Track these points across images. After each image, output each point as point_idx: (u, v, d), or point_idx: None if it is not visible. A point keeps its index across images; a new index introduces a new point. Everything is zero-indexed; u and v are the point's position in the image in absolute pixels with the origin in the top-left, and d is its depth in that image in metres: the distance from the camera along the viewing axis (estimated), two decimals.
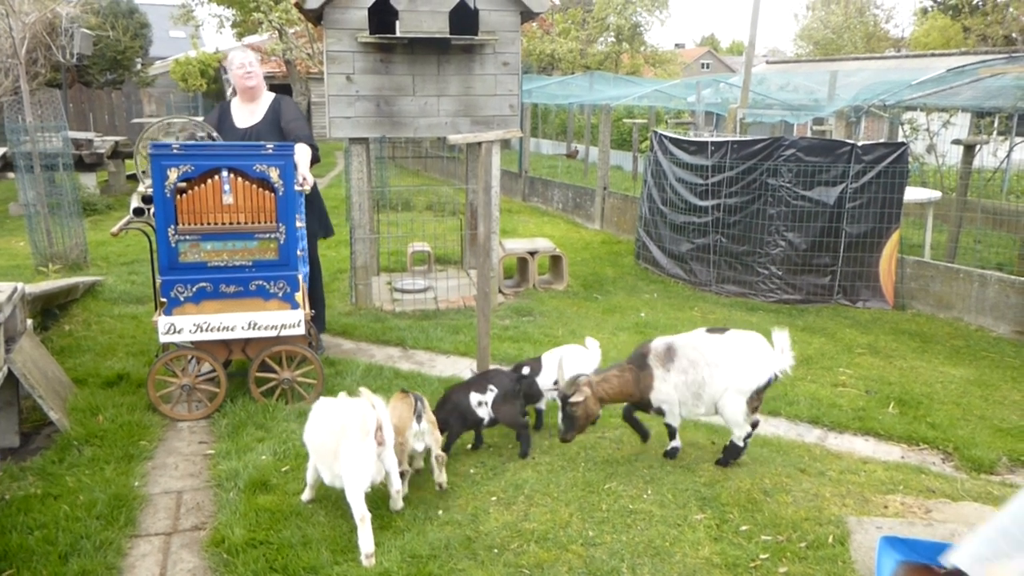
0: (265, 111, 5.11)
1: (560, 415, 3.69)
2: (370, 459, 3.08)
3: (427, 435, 3.47)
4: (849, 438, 4.51)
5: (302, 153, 4.75)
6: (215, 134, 4.77)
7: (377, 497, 3.31)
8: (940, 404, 4.95)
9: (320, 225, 5.39)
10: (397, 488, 3.29)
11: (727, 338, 3.62)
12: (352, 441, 3.05)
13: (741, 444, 3.72)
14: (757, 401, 3.63)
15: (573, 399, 3.58)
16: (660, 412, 3.74)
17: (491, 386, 3.85)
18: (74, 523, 3.20)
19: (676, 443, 3.86)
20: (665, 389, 3.64)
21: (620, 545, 3.07)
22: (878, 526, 3.15)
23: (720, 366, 3.55)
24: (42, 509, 3.30)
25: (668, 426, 3.82)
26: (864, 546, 3.02)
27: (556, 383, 3.77)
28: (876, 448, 4.39)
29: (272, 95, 5.21)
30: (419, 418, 3.41)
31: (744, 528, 3.20)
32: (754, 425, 3.73)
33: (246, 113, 5.12)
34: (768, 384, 3.59)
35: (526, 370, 4.07)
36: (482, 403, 3.83)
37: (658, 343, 3.72)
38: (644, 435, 3.92)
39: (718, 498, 3.41)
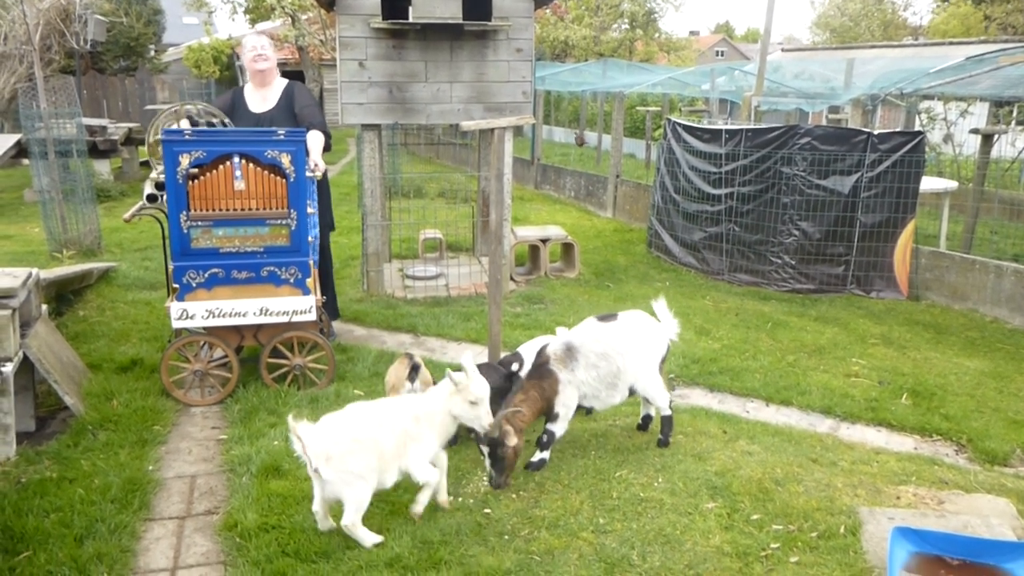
0: (279, 97, 5.11)
1: (489, 461, 3.39)
2: None
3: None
4: (861, 428, 4.49)
5: (314, 139, 4.75)
6: (227, 120, 4.77)
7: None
8: (954, 395, 4.91)
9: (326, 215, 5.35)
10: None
11: (623, 323, 3.74)
12: None
13: (671, 412, 3.83)
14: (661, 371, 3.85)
15: (506, 442, 3.33)
16: (554, 418, 3.56)
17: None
18: (89, 506, 3.23)
19: (546, 455, 3.60)
20: (569, 392, 3.56)
21: (630, 533, 3.07)
22: (890, 517, 3.13)
23: (629, 352, 3.65)
24: (58, 492, 3.34)
25: (548, 433, 3.58)
26: (876, 536, 3.01)
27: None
28: (889, 439, 4.37)
29: (285, 81, 5.21)
30: (412, 378, 3.47)
31: (755, 517, 3.19)
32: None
33: (259, 99, 5.12)
34: (666, 353, 3.82)
35: (515, 366, 4.02)
36: None
37: (555, 346, 3.62)
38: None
39: (729, 487, 3.40)
